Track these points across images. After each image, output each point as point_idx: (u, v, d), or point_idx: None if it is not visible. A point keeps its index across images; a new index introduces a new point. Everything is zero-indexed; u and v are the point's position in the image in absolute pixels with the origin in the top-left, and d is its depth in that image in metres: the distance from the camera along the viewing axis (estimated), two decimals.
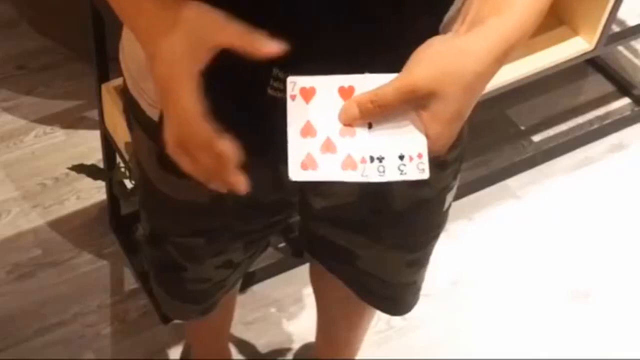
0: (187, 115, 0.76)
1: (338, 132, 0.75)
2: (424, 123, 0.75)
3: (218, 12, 0.75)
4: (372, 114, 0.74)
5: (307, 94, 0.75)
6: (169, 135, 0.79)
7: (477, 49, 0.75)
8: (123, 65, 1.01)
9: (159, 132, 0.98)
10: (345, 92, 0.75)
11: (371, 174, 0.75)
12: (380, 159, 0.75)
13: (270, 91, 0.84)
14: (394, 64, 0.76)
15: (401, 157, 0.75)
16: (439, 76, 0.73)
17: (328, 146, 0.75)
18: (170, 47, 0.75)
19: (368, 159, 0.75)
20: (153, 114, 0.96)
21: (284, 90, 0.76)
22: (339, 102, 0.75)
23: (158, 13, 0.77)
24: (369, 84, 0.75)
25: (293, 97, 0.75)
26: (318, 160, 0.75)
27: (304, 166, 0.74)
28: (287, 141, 0.75)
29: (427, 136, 0.75)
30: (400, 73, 0.75)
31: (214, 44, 0.75)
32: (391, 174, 0.75)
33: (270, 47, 0.74)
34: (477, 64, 0.75)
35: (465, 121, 1.04)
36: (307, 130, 0.75)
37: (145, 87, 0.96)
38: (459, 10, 0.84)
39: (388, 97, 0.74)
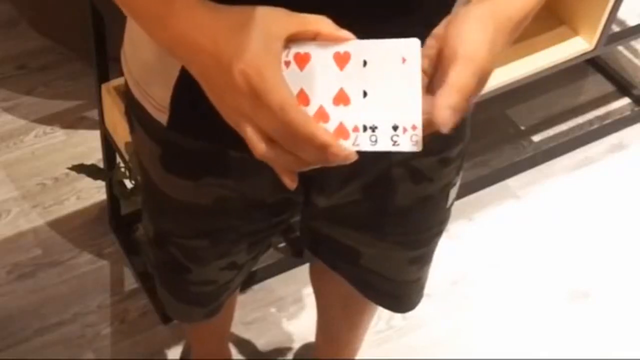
0: (289, 109, 0.71)
1: (331, 100, 0.73)
2: (455, 72, 0.72)
3: (277, 7, 0.73)
4: (465, 109, 0.73)
5: (302, 61, 0.73)
6: (260, 140, 0.74)
7: (504, 15, 0.75)
8: (125, 69, 1.01)
9: (164, 136, 0.99)
10: (341, 58, 0.73)
11: (363, 143, 0.73)
12: (373, 128, 0.73)
13: None
14: (405, 30, 0.74)
15: (395, 128, 0.72)
16: (489, 50, 0.72)
17: (321, 115, 0.73)
18: (248, 48, 0.71)
19: (361, 128, 0.73)
20: (160, 118, 0.95)
21: None
22: (334, 69, 0.73)
23: (213, 24, 0.73)
24: (365, 50, 0.73)
25: (287, 64, 0.73)
26: None
27: None
28: None
29: (455, 85, 0.72)
30: (459, 55, 0.72)
31: (287, 34, 0.72)
32: (383, 144, 0.73)
33: (342, 32, 0.72)
34: (504, 29, 0.75)
35: (467, 120, 1.05)
36: (301, 99, 0.73)
37: (151, 92, 0.95)
38: None
39: (473, 85, 0.72)
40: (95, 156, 2.00)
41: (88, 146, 2.11)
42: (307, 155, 0.73)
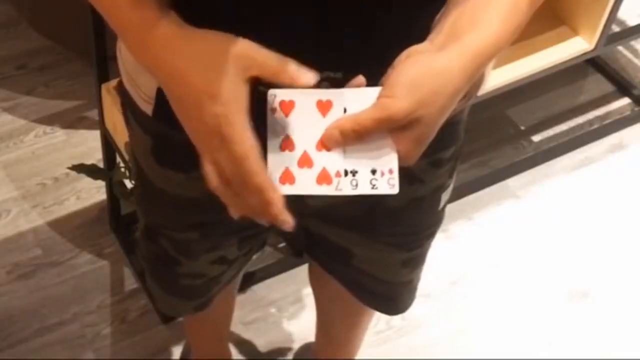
0: (249, 161, 0.75)
1: (315, 146, 0.77)
2: (396, 141, 0.77)
3: (256, 45, 0.76)
4: (353, 140, 0.76)
5: (287, 107, 0.77)
6: (215, 175, 0.79)
7: (452, 68, 0.77)
8: (120, 61, 1.02)
9: (153, 127, 0.99)
10: (323, 106, 0.77)
11: (345, 188, 0.77)
12: (354, 173, 0.77)
13: (261, 88, 0.85)
14: (382, 59, 0.78)
15: (373, 172, 0.77)
16: (416, 107, 0.75)
17: (305, 161, 0.77)
18: (220, 93, 0.75)
19: (342, 173, 0.77)
20: (147, 109, 0.96)
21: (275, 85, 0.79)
22: (317, 116, 0.77)
23: (190, 57, 0.76)
24: (346, 98, 0.77)
25: (273, 110, 0.77)
26: (295, 175, 0.78)
27: (282, 181, 0.77)
28: (267, 155, 0.77)
29: (398, 152, 0.77)
30: (378, 99, 0.76)
31: (255, 75, 0.76)
32: (363, 188, 0.77)
33: (306, 77, 0.76)
34: (452, 85, 0.77)
35: (460, 123, 1.05)
36: (286, 144, 0.78)
37: (139, 82, 0.96)
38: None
39: (368, 126, 0.76)
40: (95, 156, 2.01)
41: (88, 146, 2.11)
42: (252, 204, 0.78)
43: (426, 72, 0.76)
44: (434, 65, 0.77)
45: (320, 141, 0.77)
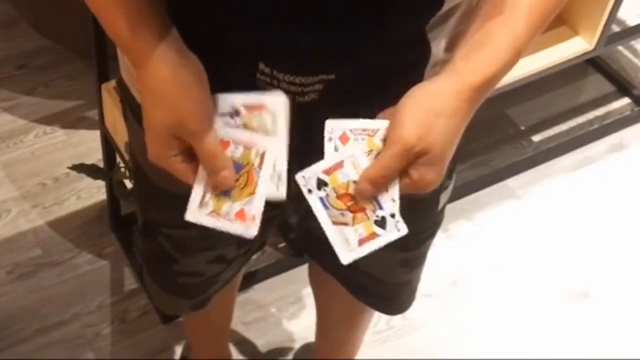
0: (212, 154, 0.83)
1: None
2: (418, 174, 0.81)
3: (207, 106, 0.82)
4: (384, 186, 0.81)
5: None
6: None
7: (444, 87, 0.80)
8: (119, 55, 1.03)
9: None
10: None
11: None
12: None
13: (258, 84, 0.85)
14: (373, 61, 0.80)
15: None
16: (423, 131, 0.79)
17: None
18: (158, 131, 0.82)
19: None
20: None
21: (270, 83, 0.82)
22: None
23: (168, 82, 0.81)
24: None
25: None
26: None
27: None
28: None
29: (423, 182, 0.81)
30: (389, 140, 0.80)
31: (188, 139, 0.82)
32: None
33: (226, 182, 0.82)
34: (450, 105, 0.80)
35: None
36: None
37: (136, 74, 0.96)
38: (442, 18, 0.85)
39: (393, 166, 0.80)
40: (95, 156, 2.00)
41: (88, 146, 2.11)
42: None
43: (420, 93, 0.80)
44: (427, 87, 0.81)
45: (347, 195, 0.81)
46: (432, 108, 0.79)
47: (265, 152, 0.83)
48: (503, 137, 2.26)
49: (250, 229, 0.83)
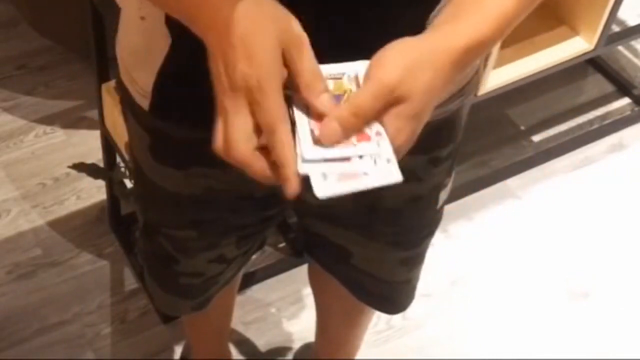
0: (276, 133, 0.70)
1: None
2: (387, 122, 0.73)
3: (287, 15, 0.73)
4: (355, 128, 0.72)
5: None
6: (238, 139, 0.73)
7: (432, 46, 0.75)
8: (119, 56, 1.02)
9: (150, 123, 0.99)
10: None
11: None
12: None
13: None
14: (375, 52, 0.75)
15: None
16: (403, 74, 0.72)
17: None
18: (264, 48, 0.70)
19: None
20: (144, 104, 0.96)
21: None
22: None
23: (231, 15, 0.71)
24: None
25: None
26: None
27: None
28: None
29: (390, 134, 0.73)
30: (366, 79, 0.73)
31: (296, 46, 0.72)
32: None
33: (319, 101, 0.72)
34: (437, 60, 0.75)
35: (459, 121, 1.05)
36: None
37: (136, 77, 0.96)
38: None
39: (366, 106, 0.71)
40: (95, 156, 2.00)
41: (88, 146, 2.11)
42: (262, 172, 0.72)
43: (409, 44, 0.75)
44: (413, 40, 0.76)
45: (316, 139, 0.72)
46: (418, 58, 0.74)
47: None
48: (503, 137, 2.26)
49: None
